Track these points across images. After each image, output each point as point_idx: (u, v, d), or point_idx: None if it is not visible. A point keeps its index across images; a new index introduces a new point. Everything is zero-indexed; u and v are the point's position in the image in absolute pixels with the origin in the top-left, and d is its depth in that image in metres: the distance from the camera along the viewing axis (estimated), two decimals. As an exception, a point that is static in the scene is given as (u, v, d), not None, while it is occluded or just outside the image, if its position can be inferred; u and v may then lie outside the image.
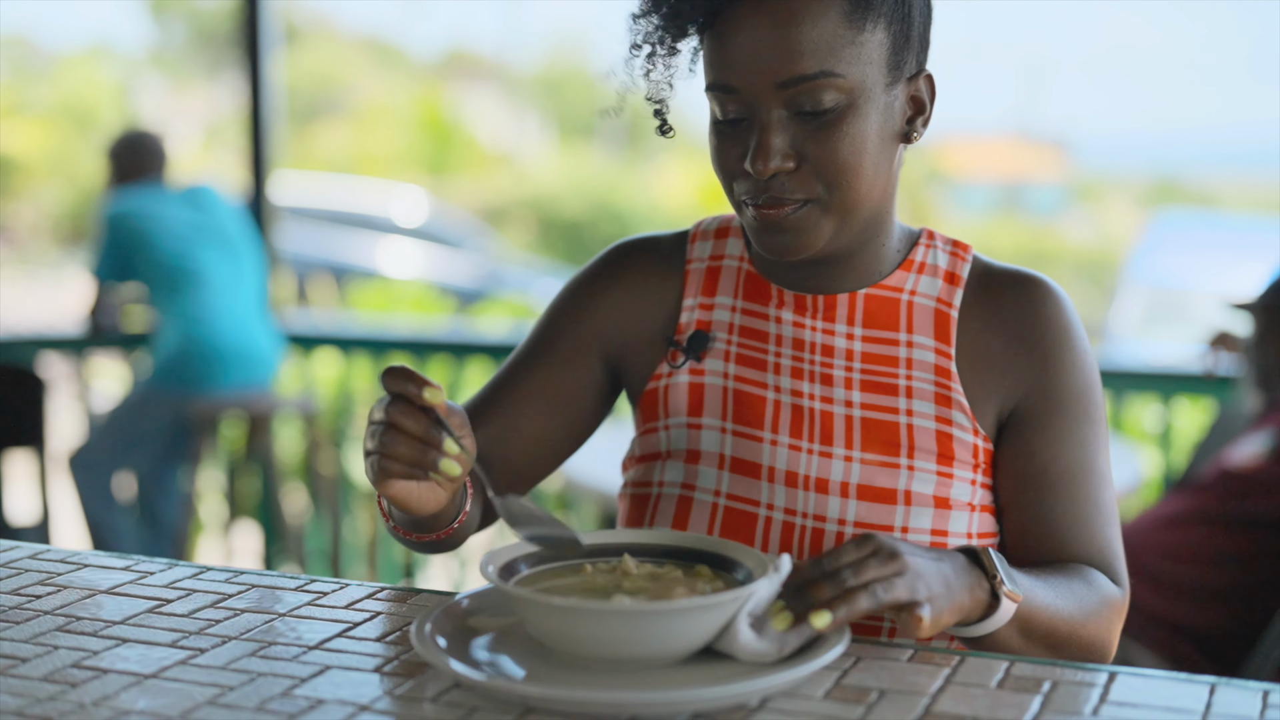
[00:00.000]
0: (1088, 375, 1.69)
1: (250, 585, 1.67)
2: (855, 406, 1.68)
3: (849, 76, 1.54)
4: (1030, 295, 1.68)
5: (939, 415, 1.67)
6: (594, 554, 1.50)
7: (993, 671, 1.40)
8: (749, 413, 1.72)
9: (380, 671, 1.38)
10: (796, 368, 1.70)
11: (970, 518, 1.66)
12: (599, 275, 1.82)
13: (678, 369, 1.76)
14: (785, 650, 1.37)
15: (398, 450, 1.42)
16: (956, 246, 1.73)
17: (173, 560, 1.77)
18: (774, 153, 1.55)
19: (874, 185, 1.59)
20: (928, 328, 1.69)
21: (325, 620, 1.54)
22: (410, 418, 1.41)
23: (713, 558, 1.47)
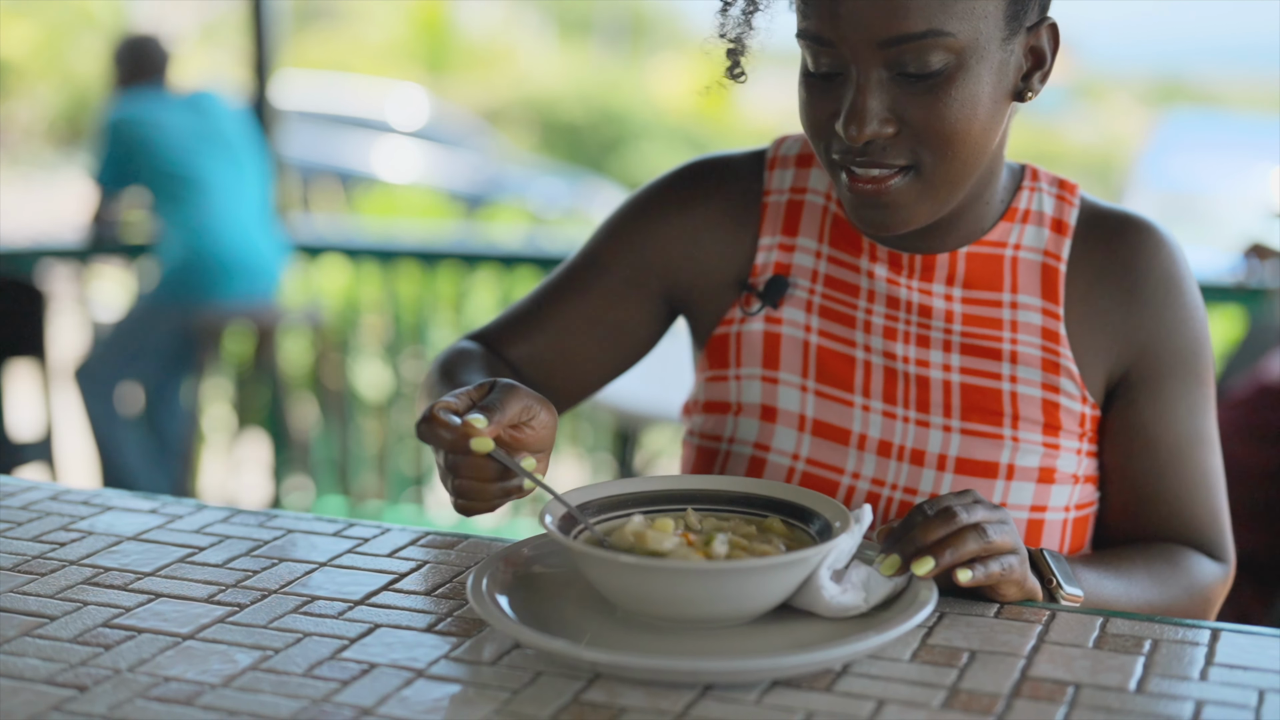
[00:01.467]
0: (1199, 331, 1.57)
1: (285, 530, 1.57)
2: (954, 371, 1.56)
3: (960, 34, 1.37)
4: (1142, 244, 1.55)
5: (1045, 383, 1.55)
6: (656, 501, 1.40)
7: (1087, 629, 1.31)
8: (835, 372, 1.59)
9: (433, 630, 1.29)
10: (890, 327, 1.57)
11: (1073, 490, 1.56)
12: (665, 199, 1.67)
13: (751, 315, 1.63)
14: (870, 603, 1.28)
15: (477, 500, 1.35)
16: (1063, 188, 1.59)
17: (200, 503, 1.67)
18: (871, 117, 1.39)
19: (982, 151, 1.44)
20: (1034, 286, 1.56)
21: (368, 571, 1.45)
22: (475, 470, 1.33)
23: (786, 506, 1.38)
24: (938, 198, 1.44)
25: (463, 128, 14.55)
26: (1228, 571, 1.59)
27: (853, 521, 1.30)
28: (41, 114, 16.56)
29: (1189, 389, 1.56)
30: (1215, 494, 1.59)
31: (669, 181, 1.68)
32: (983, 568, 1.30)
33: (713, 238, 1.65)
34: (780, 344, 1.61)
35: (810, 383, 1.59)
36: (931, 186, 1.43)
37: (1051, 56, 1.46)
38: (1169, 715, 1.14)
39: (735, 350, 1.63)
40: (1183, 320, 1.55)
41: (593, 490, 1.38)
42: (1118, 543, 1.59)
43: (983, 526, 1.30)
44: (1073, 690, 1.17)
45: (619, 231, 1.68)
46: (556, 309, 1.67)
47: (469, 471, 1.32)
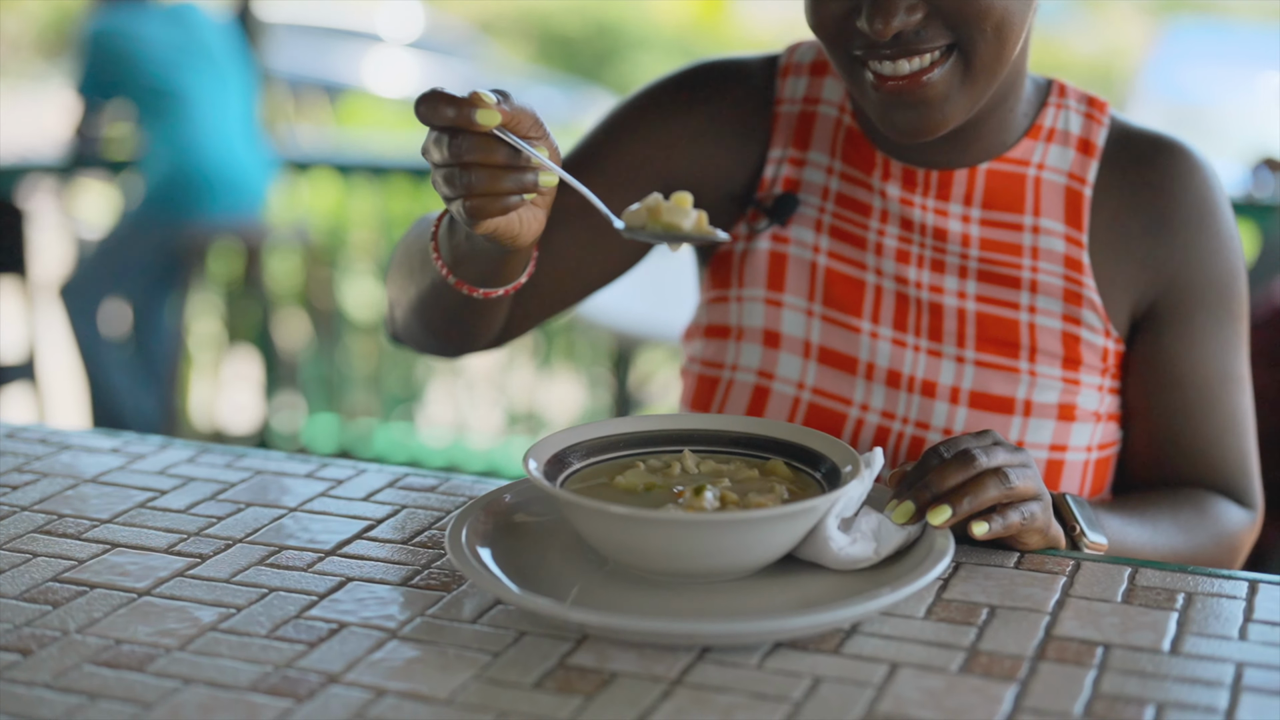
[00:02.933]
0: (1233, 262, 1.46)
1: (255, 471, 1.47)
2: (970, 299, 1.45)
3: None
4: (1174, 168, 1.44)
5: (1066, 314, 1.44)
6: (650, 442, 1.30)
7: (1115, 581, 1.21)
8: (844, 296, 1.49)
9: (409, 584, 1.19)
10: (903, 250, 1.47)
11: (1094, 429, 1.46)
12: (670, 98, 1.55)
13: (758, 232, 1.52)
14: (881, 554, 1.19)
15: (485, 187, 1.16)
16: (1092, 105, 1.48)
17: (168, 439, 1.57)
18: (897, 4, 1.28)
19: (1018, 34, 1.33)
20: (1057, 210, 1.45)
21: (341, 516, 1.35)
22: (483, 150, 1.15)
23: (790, 448, 1.27)
24: (977, 85, 1.33)
25: (457, 38, 14.33)
26: (1255, 518, 1.50)
27: (863, 466, 1.20)
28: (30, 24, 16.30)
29: (1220, 324, 1.46)
30: (1244, 437, 1.49)
31: (676, 80, 1.57)
32: (1001, 519, 1.20)
33: (719, 145, 1.54)
34: (786, 265, 1.51)
35: (817, 306, 1.49)
36: (972, 72, 1.32)
37: None
38: (1209, 679, 1.04)
39: (739, 269, 1.53)
40: (1215, 250, 1.44)
41: (581, 431, 1.28)
42: (1141, 486, 1.50)
43: (1004, 471, 1.20)
44: (1101, 651, 1.08)
45: (619, 127, 1.56)
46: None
47: (475, 153, 1.14)
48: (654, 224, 1.21)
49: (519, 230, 1.23)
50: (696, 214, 1.21)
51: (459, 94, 1.14)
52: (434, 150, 1.17)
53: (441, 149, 1.16)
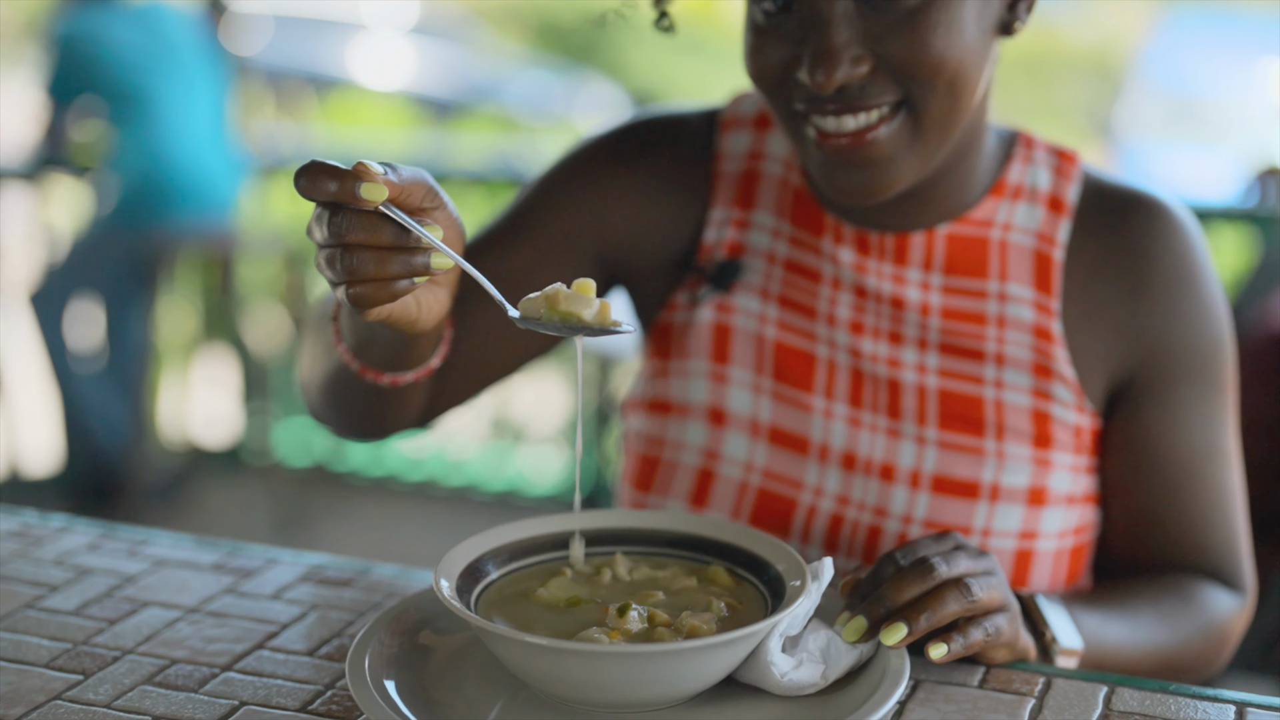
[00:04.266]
0: (1217, 329, 1.34)
1: (157, 561, 1.35)
2: (931, 373, 1.33)
3: None
4: (1152, 227, 1.32)
5: (1036, 389, 1.32)
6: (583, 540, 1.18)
7: (1089, 703, 1.09)
8: (794, 370, 1.37)
9: (308, 710, 1.07)
10: (857, 320, 1.35)
11: (1068, 513, 1.34)
12: (604, 157, 1.44)
13: (700, 300, 1.40)
14: (829, 678, 1.07)
15: (370, 271, 1.02)
16: (1062, 159, 1.37)
17: (71, 518, 1.45)
18: (840, 56, 1.18)
19: (971, 90, 1.23)
20: (1025, 274, 1.33)
21: (244, 619, 1.23)
22: (367, 230, 1.01)
23: (733, 552, 1.15)
24: (928, 144, 1.23)
25: (451, 24, 14.18)
26: (1244, 602, 1.39)
27: (810, 579, 1.08)
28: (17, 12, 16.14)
29: (1204, 395, 1.34)
30: (1232, 516, 1.38)
31: (610, 139, 1.45)
32: (962, 638, 1.08)
33: (655, 207, 1.42)
34: (732, 336, 1.39)
35: (766, 381, 1.37)
36: (922, 130, 1.22)
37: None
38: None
39: (681, 341, 1.41)
40: (1198, 316, 1.33)
41: (503, 533, 1.16)
42: (1121, 568, 1.38)
43: (965, 582, 1.09)
44: (1071, 801, 0.96)
45: (552, 189, 1.44)
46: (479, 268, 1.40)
47: (358, 232, 1.01)
48: (551, 313, 1.09)
49: (416, 315, 1.11)
50: (599, 303, 1.09)
51: (342, 166, 1.01)
52: (315, 229, 1.04)
53: (321, 226, 1.03)
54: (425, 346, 1.22)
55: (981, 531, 1.29)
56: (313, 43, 11.87)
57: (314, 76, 11.02)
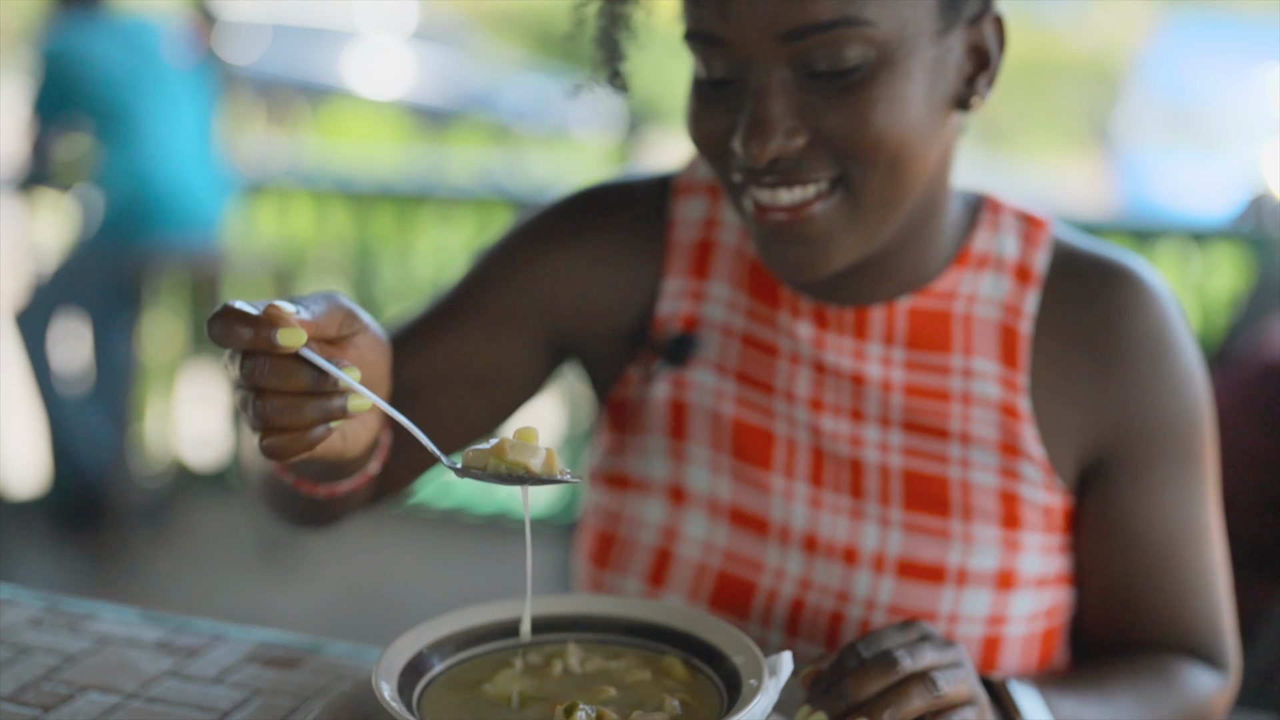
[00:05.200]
0: (1193, 402, 1.29)
1: (99, 640, 1.30)
2: (894, 452, 1.28)
3: (880, 24, 1.12)
4: (1125, 297, 1.27)
5: (1004, 468, 1.27)
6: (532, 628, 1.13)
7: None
8: (753, 448, 1.31)
9: (243, 813, 1.03)
10: (816, 397, 1.29)
11: (1038, 596, 1.28)
12: (552, 229, 1.39)
13: (654, 377, 1.35)
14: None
15: (284, 420, 0.97)
16: (1030, 225, 1.32)
17: (16, 590, 1.40)
18: (775, 127, 1.13)
19: (918, 167, 1.17)
20: (991, 349, 1.28)
21: (184, 706, 1.18)
22: (281, 375, 0.97)
23: (690, 642, 1.11)
24: (868, 223, 1.18)
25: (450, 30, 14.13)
26: (1227, 680, 1.33)
27: (767, 674, 1.03)
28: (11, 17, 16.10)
29: (1182, 472, 1.29)
30: (1212, 594, 1.32)
31: (558, 210, 1.40)
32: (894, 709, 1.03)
33: (608, 278, 1.37)
34: (688, 412, 1.34)
35: (724, 459, 1.32)
36: (861, 207, 1.17)
37: (998, 55, 1.21)
38: None
39: (637, 416, 1.36)
40: (1173, 390, 1.27)
41: (452, 621, 1.12)
42: (1100, 648, 1.33)
43: (931, 676, 1.04)
44: None
45: (498, 263, 1.39)
46: (422, 345, 1.37)
47: (275, 378, 0.96)
48: (497, 464, 1.04)
49: (341, 447, 1.08)
50: (545, 451, 1.04)
51: (254, 310, 0.96)
52: (229, 369, 1.00)
53: (235, 369, 0.98)
54: (361, 459, 1.17)
55: (948, 617, 1.24)
56: (309, 50, 11.83)
57: (309, 85, 10.99)
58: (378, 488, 1.37)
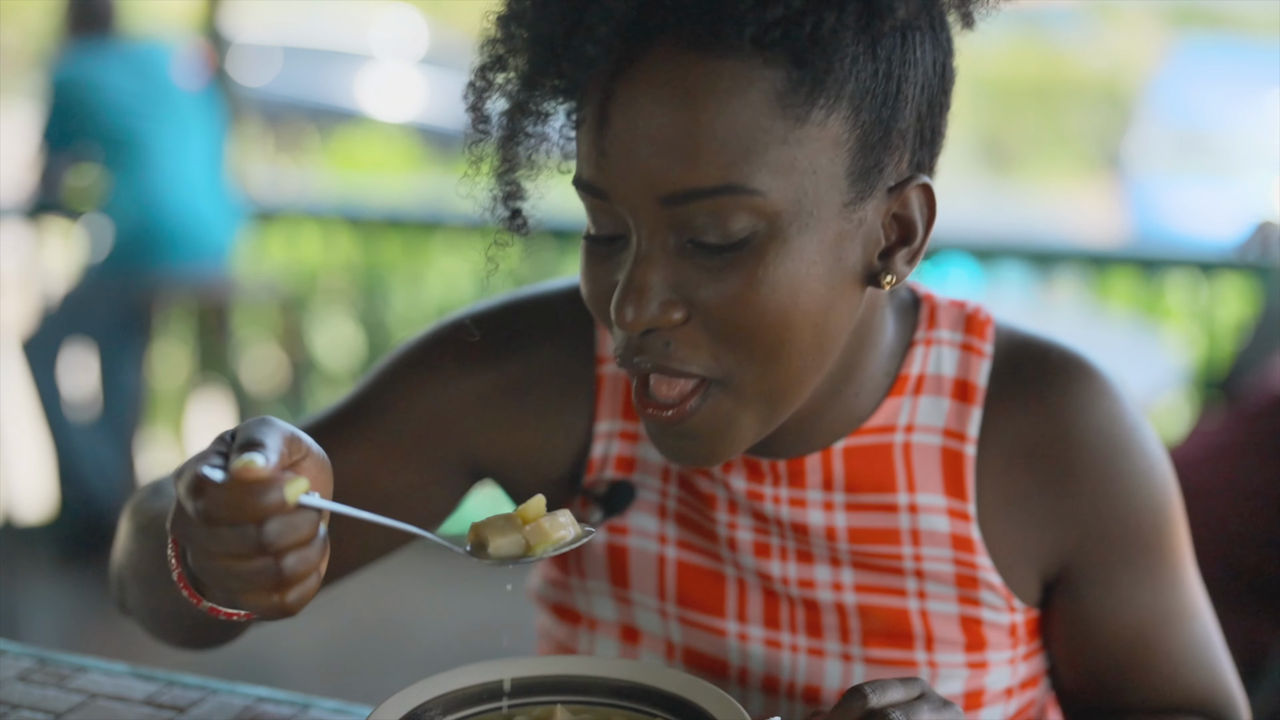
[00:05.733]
0: (1155, 499, 1.20)
1: (89, 695, 1.29)
2: (847, 590, 1.20)
3: (772, 194, 1.00)
4: (1070, 401, 1.17)
5: (962, 597, 1.20)
6: (518, 693, 1.13)
7: None
8: (701, 594, 1.24)
9: None
10: (760, 543, 1.21)
11: (1006, 706, 1.24)
12: (470, 347, 1.27)
13: (592, 525, 1.23)
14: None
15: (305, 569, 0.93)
16: (970, 331, 1.21)
17: (8, 642, 1.40)
18: (650, 296, 1.02)
19: (814, 353, 1.06)
20: (934, 480, 1.18)
21: (173, 766, 1.18)
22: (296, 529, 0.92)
23: (679, 705, 1.10)
24: (756, 418, 1.08)
25: (463, 53, 14.09)
26: None
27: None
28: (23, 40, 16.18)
29: (1151, 568, 1.21)
30: (1207, 661, 1.25)
31: (475, 324, 1.27)
32: None
33: (534, 416, 1.27)
34: (628, 559, 1.25)
35: (670, 606, 1.24)
36: (743, 402, 1.06)
37: (924, 229, 1.09)
38: None
39: (575, 559, 1.28)
40: (1131, 492, 1.19)
41: (441, 682, 1.11)
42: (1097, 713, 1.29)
43: None
44: None
45: (401, 381, 1.28)
46: None
47: (294, 533, 0.91)
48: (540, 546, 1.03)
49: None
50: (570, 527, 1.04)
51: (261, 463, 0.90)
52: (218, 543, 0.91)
53: (241, 543, 0.90)
54: None
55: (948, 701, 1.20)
56: (320, 73, 11.85)
57: (319, 107, 10.99)
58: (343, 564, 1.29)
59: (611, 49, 1.00)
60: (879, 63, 1.01)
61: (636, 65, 1.00)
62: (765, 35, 0.97)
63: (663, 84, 0.99)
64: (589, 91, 1.03)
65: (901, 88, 1.03)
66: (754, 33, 0.97)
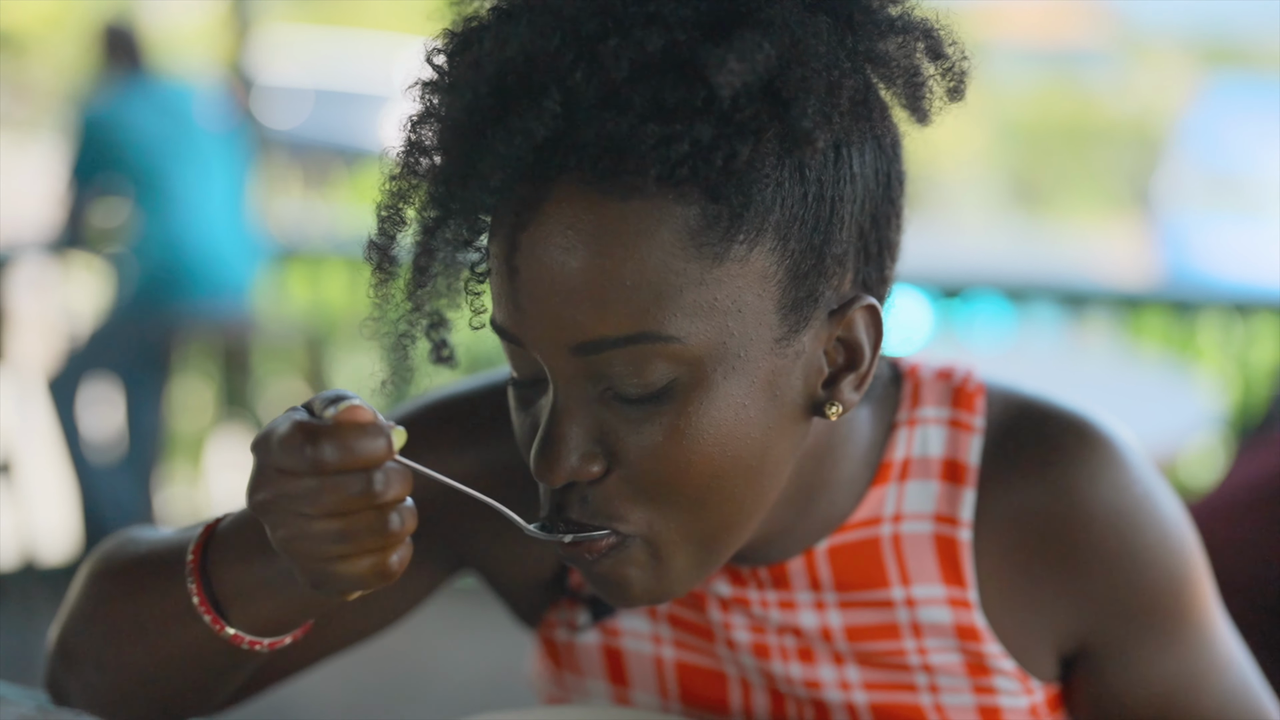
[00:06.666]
0: (1175, 564, 1.11)
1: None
2: (856, 689, 1.12)
3: (690, 339, 0.92)
4: (1073, 475, 1.07)
5: (976, 686, 1.11)
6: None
7: None
8: (705, 691, 1.16)
9: None
10: (759, 643, 1.13)
11: None
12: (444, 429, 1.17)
13: (582, 627, 1.18)
14: None
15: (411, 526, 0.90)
16: (958, 404, 1.11)
17: (10, 685, 1.35)
18: (567, 451, 0.94)
19: (750, 498, 0.98)
20: (930, 570, 1.09)
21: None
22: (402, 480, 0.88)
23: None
24: (691, 563, 0.99)
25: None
26: None
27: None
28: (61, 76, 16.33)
29: (1174, 635, 1.12)
30: (1248, 709, 1.16)
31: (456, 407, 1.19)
32: None
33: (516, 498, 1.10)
34: (624, 660, 1.18)
35: (674, 705, 1.17)
36: (671, 554, 0.98)
37: (871, 352, 0.99)
38: None
39: (570, 658, 1.20)
40: (1146, 564, 1.09)
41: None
42: None
43: None
44: None
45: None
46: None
47: (398, 485, 0.88)
48: None
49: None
50: None
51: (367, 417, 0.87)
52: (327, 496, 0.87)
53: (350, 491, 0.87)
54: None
55: None
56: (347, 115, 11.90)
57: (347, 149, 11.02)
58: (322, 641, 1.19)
59: (509, 196, 0.92)
60: (808, 185, 0.93)
61: (540, 210, 0.91)
62: (672, 173, 0.89)
63: (567, 229, 0.91)
64: (494, 236, 0.95)
65: (836, 209, 0.95)
66: (660, 171, 0.89)
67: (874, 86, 0.98)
